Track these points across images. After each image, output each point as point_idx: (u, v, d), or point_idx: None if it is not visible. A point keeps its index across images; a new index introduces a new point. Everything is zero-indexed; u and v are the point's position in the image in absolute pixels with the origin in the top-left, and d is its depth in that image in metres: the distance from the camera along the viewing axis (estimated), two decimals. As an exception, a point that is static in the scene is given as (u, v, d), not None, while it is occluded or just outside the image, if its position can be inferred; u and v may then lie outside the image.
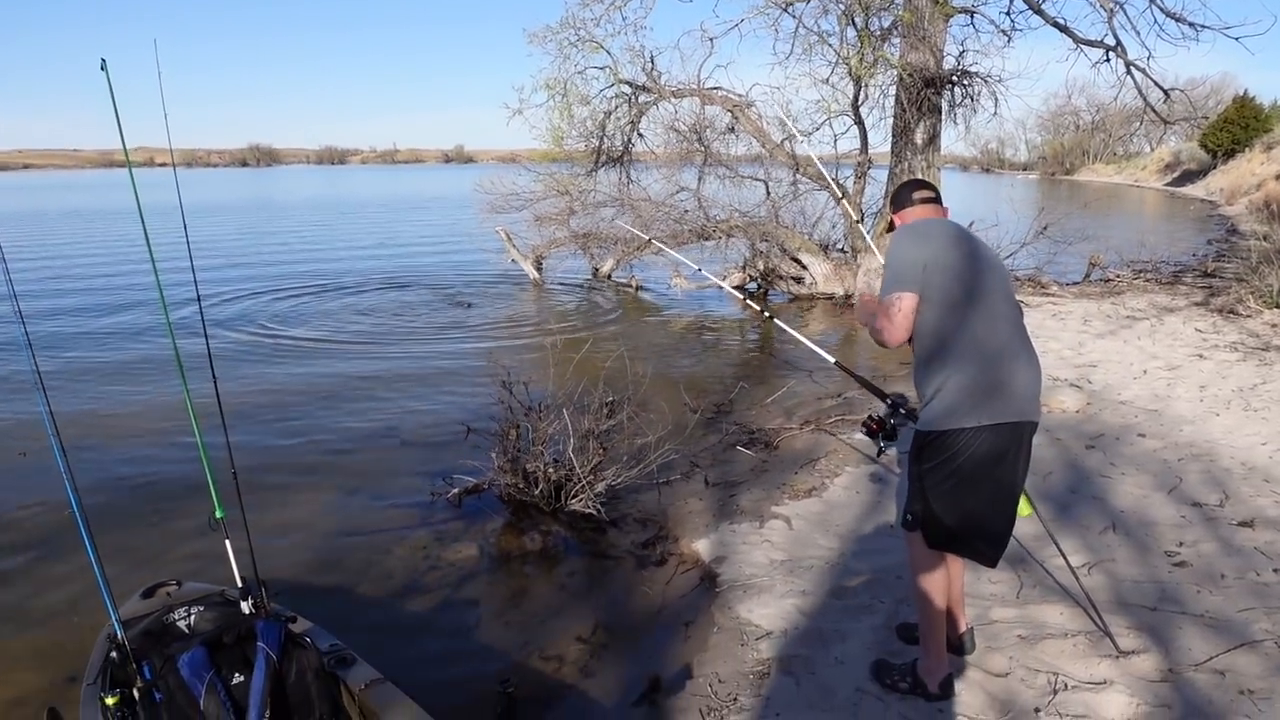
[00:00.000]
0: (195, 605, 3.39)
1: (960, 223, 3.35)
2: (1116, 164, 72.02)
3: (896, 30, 13.27)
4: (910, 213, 3.33)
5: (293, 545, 5.33)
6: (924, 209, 3.32)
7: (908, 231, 3.20)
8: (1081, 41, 13.33)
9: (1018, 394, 3.03)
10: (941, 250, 3.06)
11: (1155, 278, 14.39)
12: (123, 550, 5.08)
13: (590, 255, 16.81)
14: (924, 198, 3.34)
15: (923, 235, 3.13)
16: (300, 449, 7.01)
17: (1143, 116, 15.17)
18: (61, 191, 52.75)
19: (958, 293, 3.01)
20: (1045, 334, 10.09)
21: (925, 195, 3.34)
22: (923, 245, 3.07)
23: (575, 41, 14.52)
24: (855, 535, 4.97)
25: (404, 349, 10.72)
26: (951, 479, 3.03)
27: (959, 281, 3.02)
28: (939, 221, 3.25)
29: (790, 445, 6.81)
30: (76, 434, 6.96)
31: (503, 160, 20.23)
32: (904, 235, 3.19)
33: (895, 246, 3.16)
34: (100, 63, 3.49)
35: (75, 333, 11.50)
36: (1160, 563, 4.40)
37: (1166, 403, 7.13)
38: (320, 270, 17.75)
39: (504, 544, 5.35)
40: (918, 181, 3.47)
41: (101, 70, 3.49)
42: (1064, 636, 3.74)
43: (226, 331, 11.49)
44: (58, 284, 15.75)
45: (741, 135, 15.12)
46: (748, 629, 4.02)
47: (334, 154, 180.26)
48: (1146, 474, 5.61)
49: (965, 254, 3.08)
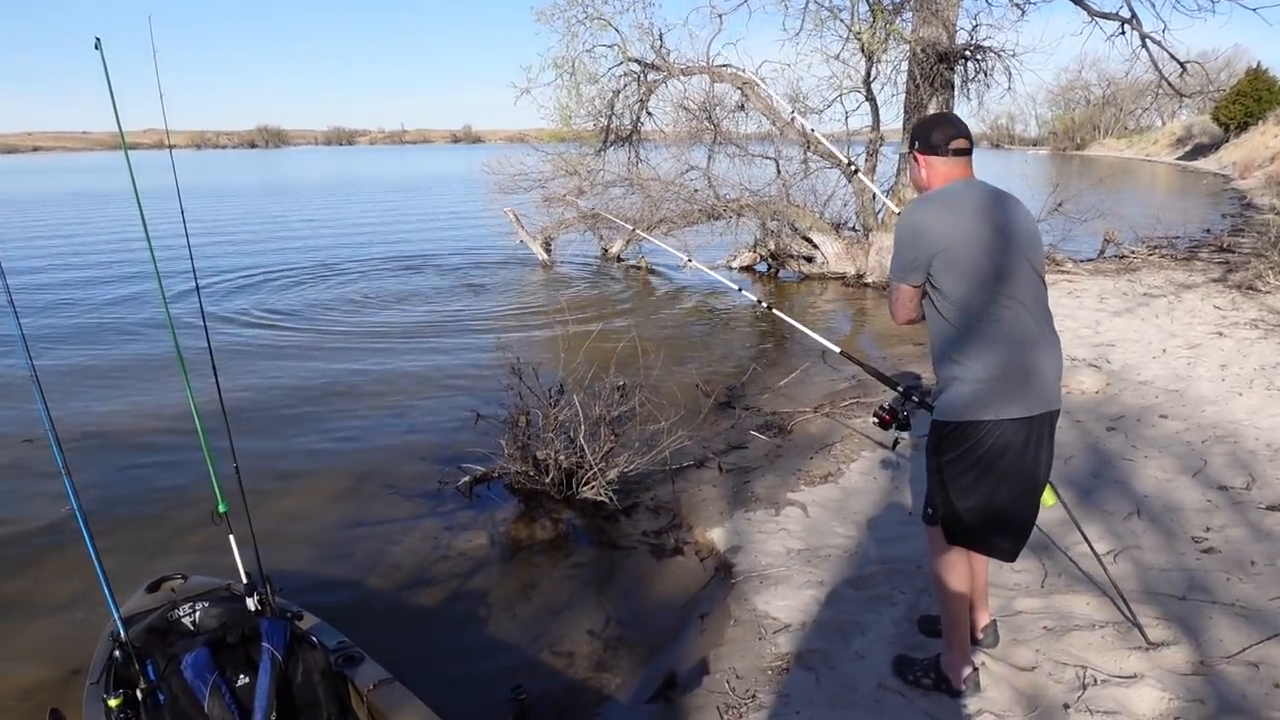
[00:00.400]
0: (200, 601, 3.34)
1: (988, 184, 2.98)
2: (1127, 138, 71.34)
3: (909, 4, 13.07)
4: (938, 165, 2.95)
5: (301, 536, 5.25)
6: (955, 165, 2.94)
7: (925, 207, 2.89)
8: (1096, 14, 13.13)
9: (1042, 384, 2.88)
10: (964, 230, 2.79)
11: (1171, 253, 14.21)
12: (128, 544, 5.04)
13: (599, 236, 16.70)
14: (959, 148, 2.93)
15: (942, 212, 2.85)
16: (308, 438, 6.92)
17: (1156, 90, 14.97)
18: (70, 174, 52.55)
19: (983, 272, 2.79)
20: (1062, 312, 9.92)
21: (960, 146, 2.93)
22: (940, 228, 2.81)
23: (584, 19, 14.38)
24: (874, 522, 4.86)
25: (411, 335, 10.61)
26: (972, 472, 2.90)
27: (985, 260, 2.79)
28: (963, 190, 2.89)
29: (805, 430, 6.70)
30: (77, 428, 6.91)
31: (511, 140, 20.11)
32: (920, 211, 2.89)
33: (907, 223, 2.90)
34: (94, 42, 3.38)
35: (74, 323, 11.36)
36: (1188, 549, 4.29)
37: (1187, 382, 6.99)
38: (326, 254, 17.62)
39: (514, 533, 5.26)
40: (952, 121, 3.00)
41: (96, 49, 3.38)
42: (1091, 628, 3.63)
43: (231, 319, 11.40)
44: (58, 272, 15.58)
45: (751, 113, 14.95)
46: (765, 622, 3.92)
47: (342, 135, 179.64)
48: (1170, 456, 5.49)
49: (993, 230, 2.81)
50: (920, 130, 3.01)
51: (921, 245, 2.84)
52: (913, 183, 3.11)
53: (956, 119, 3.02)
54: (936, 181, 2.96)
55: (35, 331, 10.50)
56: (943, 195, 2.91)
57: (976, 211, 2.84)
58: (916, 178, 3.05)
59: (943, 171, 2.95)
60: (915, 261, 2.87)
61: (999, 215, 2.87)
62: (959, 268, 2.81)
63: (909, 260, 2.89)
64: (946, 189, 2.92)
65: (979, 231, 2.81)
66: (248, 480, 5.73)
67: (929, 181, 2.98)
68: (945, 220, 2.84)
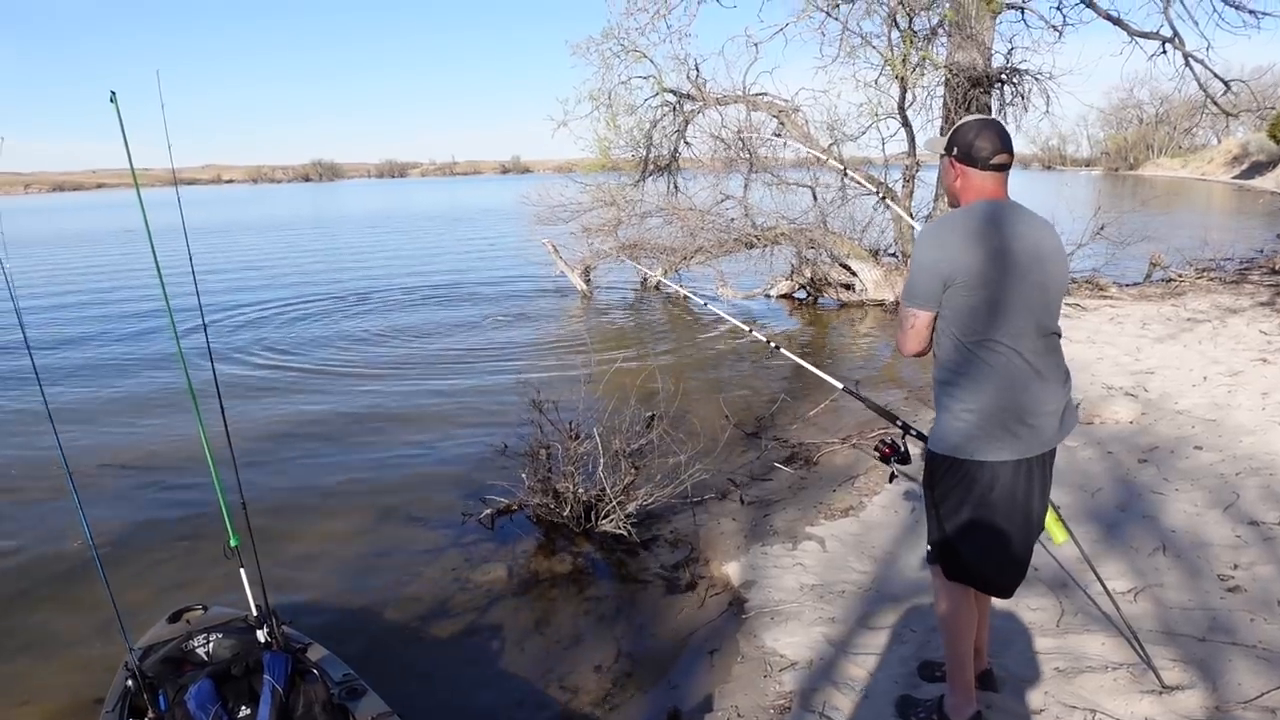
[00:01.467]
0: (215, 632, 3.40)
1: (1018, 207, 2.84)
2: (1182, 157, 70.16)
3: (943, 29, 13.03)
4: (973, 178, 2.81)
5: (323, 567, 5.33)
6: (991, 180, 2.80)
7: (945, 231, 2.78)
8: (1136, 34, 12.98)
9: (1039, 425, 2.80)
10: (979, 261, 2.68)
11: (1219, 276, 13.90)
12: (150, 575, 5.15)
13: (638, 265, 16.74)
14: (1000, 164, 2.78)
15: (962, 239, 2.73)
16: (335, 469, 7.02)
17: (1202, 109, 14.72)
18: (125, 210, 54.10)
19: (991, 306, 2.71)
20: (1102, 339, 9.77)
21: (1001, 161, 2.78)
22: (958, 254, 2.71)
23: (618, 52, 14.52)
24: (890, 558, 4.80)
25: (445, 365, 10.71)
26: (965, 509, 2.85)
27: (994, 293, 2.69)
28: (989, 215, 2.75)
29: (830, 462, 6.65)
30: (95, 463, 7.09)
31: (559, 170, 20.28)
32: (936, 236, 2.80)
33: (923, 247, 2.81)
34: (110, 95, 3.50)
35: (90, 358, 11.63)
36: (1212, 587, 4.17)
37: (1226, 411, 6.82)
38: (364, 285, 17.92)
39: (533, 566, 5.28)
40: (998, 132, 2.80)
41: (111, 103, 3.50)
42: (1104, 669, 3.54)
43: (262, 350, 11.63)
44: (83, 309, 15.90)
45: (788, 141, 14.95)
46: (772, 659, 3.88)
47: (394, 168, 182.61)
48: (1201, 489, 5.36)
49: (1008, 262, 2.69)
50: (962, 136, 2.83)
51: (939, 271, 2.74)
52: (945, 187, 2.98)
53: (1002, 130, 2.83)
54: (968, 195, 2.83)
55: (57, 365, 10.89)
56: (966, 220, 2.77)
57: (995, 241, 2.71)
58: (950, 184, 2.91)
59: (977, 185, 2.81)
60: (931, 287, 2.77)
61: (1019, 246, 2.73)
62: (965, 299, 2.73)
63: (925, 286, 2.78)
64: (971, 212, 2.78)
65: (992, 263, 2.70)
66: (271, 513, 5.90)
67: (961, 192, 2.86)
68: (968, 246, 2.72)
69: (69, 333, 13.37)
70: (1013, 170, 2.86)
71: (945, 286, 2.75)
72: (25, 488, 6.73)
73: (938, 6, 12.88)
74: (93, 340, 12.79)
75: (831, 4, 13.07)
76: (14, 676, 4.27)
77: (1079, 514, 5.08)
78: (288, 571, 5.19)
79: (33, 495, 6.54)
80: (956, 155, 2.83)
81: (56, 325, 13.97)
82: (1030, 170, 78.43)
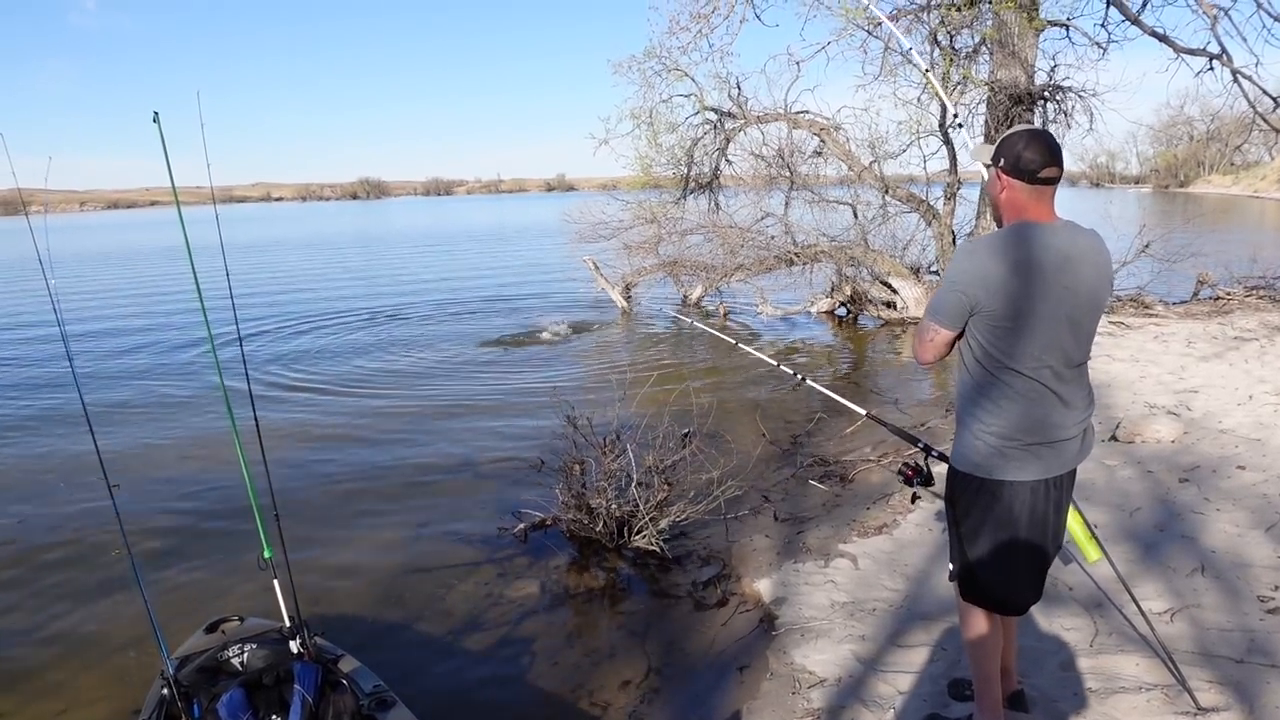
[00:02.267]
0: (250, 643, 3.46)
1: (1064, 224, 2.73)
2: (1233, 174, 68.96)
3: (986, 46, 12.96)
4: (1019, 192, 2.69)
5: (359, 580, 5.41)
6: (1037, 196, 2.68)
7: (977, 255, 2.68)
8: (1183, 50, 12.78)
9: (1063, 446, 2.77)
10: (1013, 287, 2.61)
11: (1269, 294, 13.63)
12: (188, 586, 5.25)
13: (679, 282, 16.81)
14: (1049, 177, 2.66)
15: (998, 263, 2.63)
16: (371, 482, 7.13)
17: (1253, 125, 14.48)
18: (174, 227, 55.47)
19: (1021, 332, 2.64)
20: (1145, 358, 9.63)
21: (1049, 175, 2.65)
22: (986, 281, 2.63)
23: (660, 71, 14.61)
24: (923, 576, 4.76)
25: (483, 381, 10.83)
26: (987, 528, 2.84)
27: (1026, 320, 2.63)
28: (1030, 238, 2.65)
29: (866, 479, 6.62)
30: (133, 476, 7.26)
31: (603, 188, 20.47)
32: (971, 259, 2.70)
33: (957, 268, 2.73)
34: (153, 115, 3.61)
35: (129, 371, 11.99)
36: (1252, 609, 4.10)
37: (1271, 431, 6.69)
38: (406, 301, 18.19)
39: (566, 581, 5.31)
40: (1048, 144, 2.67)
41: (154, 123, 3.62)
42: (1138, 690, 3.49)
43: (299, 365, 11.88)
44: (123, 320, 16.41)
45: (829, 159, 14.94)
46: (801, 676, 3.88)
47: (440, 185, 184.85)
48: (1243, 510, 5.26)
49: (1045, 288, 2.61)
50: (1010, 146, 2.71)
51: (968, 295, 2.68)
52: (989, 198, 2.87)
53: (1053, 142, 2.70)
54: (1013, 211, 2.73)
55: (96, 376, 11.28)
56: (1005, 246, 2.67)
57: (1030, 273, 2.62)
58: (995, 195, 2.80)
59: (1023, 200, 2.70)
60: (958, 309, 2.72)
61: (1055, 279, 2.63)
62: (996, 324, 2.68)
63: (952, 306, 2.73)
64: (1011, 238, 2.68)
65: (1024, 295, 2.62)
66: (307, 526, 6.00)
67: (1006, 206, 2.75)
68: (998, 272, 2.64)
69: (108, 347, 13.72)
70: (1060, 187, 2.77)
71: (972, 312, 2.70)
72: (65, 500, 6.92)
73: (979, 24, 12.81)
74: (133, 354, 13.14)
75: (873, 23, 13.05)
76: (54, 685, 4.38)
77: (1117, 533, 5.01)
78: (324, 584, 5.28)
79: (72, 507, 6.71)
80: (1004, 166, 2.71)
81: (98, 339, 14.33)
82: (1078, 187, 77.54)
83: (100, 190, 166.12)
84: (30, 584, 5.51)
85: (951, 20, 12.62)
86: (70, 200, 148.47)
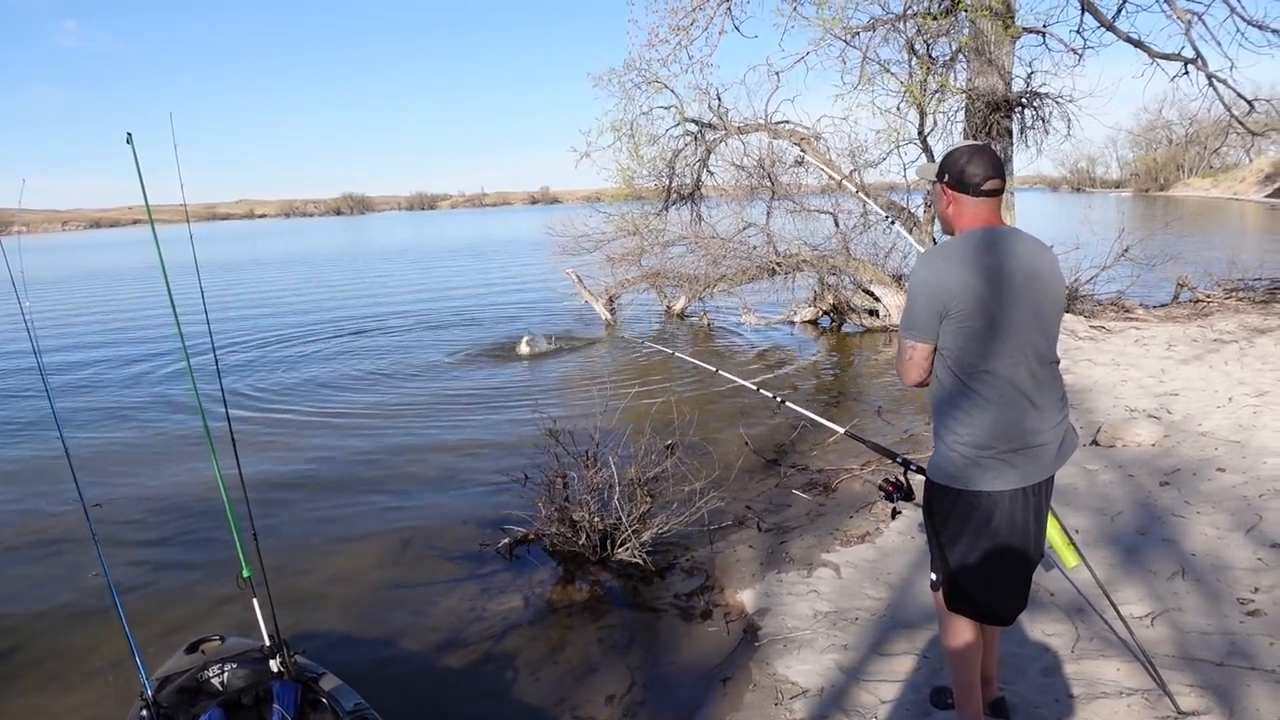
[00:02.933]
0: (230, 662, 3.44)
1: (1012, 231, 2.81)
2: (1213, 177, 69.51)
3: (963, 55, 13.04)
4: (966, 205, 2.78)
5: (341, 598, 5.37)
6: (984, 206, 2.77)
7: (939, 262, 2.74)
8: (1158, 56, 12.89)
9: (1039, 452, 2.78)
10: (972, 289, 2.65)
11: (1248, 296, 13.74)
12: (168, 607, 5.22)
13: (662, 293, 16.83)
14: (993, 188, 2.75)
15: (957, 268, 2.69)
16: (352, 499, 7.09)
17: (1229, 128, 14.61)
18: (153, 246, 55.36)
19: (985, 335, 2.68)
20: (1126, 362, 9.68)
21: (993, 187, 2.75)
22: (951, 285, 2.68)
23: (639, 83, 14.63)
24: (905, 584, 4.77)
25: (466, 394, 10.79)
26: (966, 538, 2.84)
27: (988, 321, 2.67)
28: (982, 242, 2.72)
29: (849, 488, 6.63)
30: (111, 496, 7.18)
31: (587, 200, 20.50)
32: (930, 266, 2.75)
33: (919, 278, 2.76)
34: (126, 136, 3.61)
35: (105, 391, 11.86)
36: (1231, 611, 4.11)
37: (1251, 433, 6.73)
38: (386, 314, 18.16)
39: (550, 596, 5.29)
40: (989, 158, 2.78)
41: (128, 144, 3.61)
42: (1119, 695, 3.50)
43: (277, 383, 11.82)
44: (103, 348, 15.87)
45: (810, 168, 14.98)
46: (784, 686, 3.87)
47: (424, 199, 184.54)
48: (1223, 512, 5.28)
49: (1002, 289, 2.67)
50: (952, 162, 2.80)
51: (935, 302, 2.72)
52: (938, 215, 2.94)
53: (993, 155, 2.81)
54: (962, 221, 2.80)
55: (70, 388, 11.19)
56: (961, 248, 2.74)
57: (991, 270, 2.68)
58: (942, 212, 2.88)
59: (970, 212, 2.78)
60: (928, 318, 2.75)
61: (1014, 274, 2.70)
62: (960, 327, 2.71)
63: (922, 317, 2.76)
64: (966, 240, 2.75)
65: (988, 292, 2.67)
66: (288, 544, 5.97)
67: (955, 218, 2.83)
68: (961, 275, 2.69)
69: (83, 366, 13.61)
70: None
71: (942, 317, 2.72)
72: (43, 522, 6.85)
73: (956, 33, 12.89)
74: (107, 372, 13.05)
75: (850, 33, 13.12)
76: (34, 709, 4.33)
77: (1098, 538, 5.03)
78: (304, 601, 5.25)
79: (51, 530, 6.64)
80: (948, 182, 2.80)
81: (72, 355, 14.26)
82: (1060, 193, 77.97)
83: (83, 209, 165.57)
84: (6, 606, 5.46)
85: (928, 29, 12.69)
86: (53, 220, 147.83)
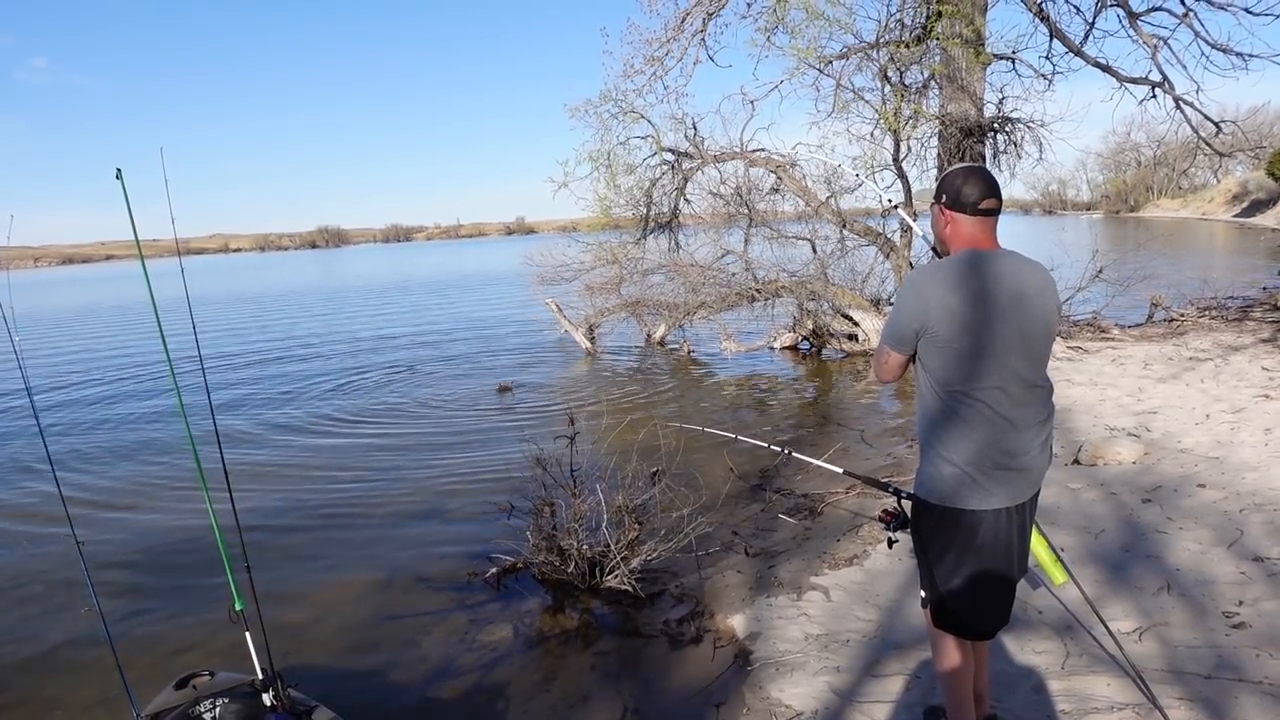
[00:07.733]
0: (221, 697, 3.41)
1: (1008, 254, 2.83)
2: (1182, 198, 70.58)
3: (935, 82, 13.23)
4: (963, 224, 2.82)
5: (331, 630, 5.34)
6: (980, 226, 2.81)
7: (927, 280, 2.78)
8: (1126, 80, 13.14)
9: (1025, 471, 2.82)
10: (960, 312, 2.69)
11: (1221, 315, 13.93)
12: (159, 642, 5.16)
13: (642, 322, 16.88)
14: (989, 208, 2.79)
15: (944, 288, 2.73)
16: (341, 532, 7.05)
17: (1196, 150, 14.86)
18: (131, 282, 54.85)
19: (972, 357, 2.71)
20: (1104, 381, 9.79)
21: (989, 206, 2.79)
22: (936, 305, 2.71)
23: (616, 113, 14.74)
24: (895, 606, 4.79)
25: (450, 426, 10.75)
26: (952, 556, 2.86)
27: (976, 344, 2.70)
28: (975, 264, 2.74)
29: (835, 511, 6.66)
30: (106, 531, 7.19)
31: (563, 230, 20.58)
32: (917, 286, 2.80)
33: (905, 294, 2.84)
34: (116, 172, 3.63)
35: (95, 425, 11.78)
36: (1218, 625, 4.16)
37: (1229, 449, 6.82)
38: (373, 346, 18.07)
39: (539, 625, 5.28)
40: (985, 178, 2.83)
41: (117, 179, 3.63)
42: (1110, 710, 3.53)
43: (267, 415, 11.73)
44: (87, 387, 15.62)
45: (786, 195, 15.12)
46: (778, 710, 3.88)
47: (399, 231, 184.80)
48: (1205, 527, 5.35)
49: (991, 312, 2.69)
50: (950, 182, 2.85)
51: (914, 321, 2.78)
52: (935, 235, 2.98)
53: (989, 175, 2.85)
54: (958, 241, 2.84)
55: (56, 410, 10.91)
56: (950, 271, 2.77)
57: (976, 295, 2.71)
58: (940, 232, 2.92)
59: (966, 232, 2.83)
60: (905, 332, 2.82)
61: (1001, 299, 2.72)
62: (947, 349, 2.74)
63: (901, 330, 2.83)
64: (955, 264, 2.77)
65: (971, 316, 2.70)
66: (278, 578, 5.92)
67: (951, 238, 2.87)
68: (944, 297, 2.72)
69: (73, 399, 13.47)
70: (1014, 215, 2.90)
71: (918, 335, 2.79)
72: (30, 555, 6.80)
73: (928, 60, 13.09)
74: (97, 406, 12.89)
75: (824, 61, 13.29)
76: (23, 748, 4.28)
77: (1083, 556, 5.08)
78: (296, 634, 5.21)
79: (42, 565, 6.57)
80: (945, 202, 2.86)
81: (62, 391, 14.10)
82: (1032, 215, 78.79)
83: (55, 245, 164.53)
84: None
85: (900, 57, 12.89)
86: (24, 256, 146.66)
